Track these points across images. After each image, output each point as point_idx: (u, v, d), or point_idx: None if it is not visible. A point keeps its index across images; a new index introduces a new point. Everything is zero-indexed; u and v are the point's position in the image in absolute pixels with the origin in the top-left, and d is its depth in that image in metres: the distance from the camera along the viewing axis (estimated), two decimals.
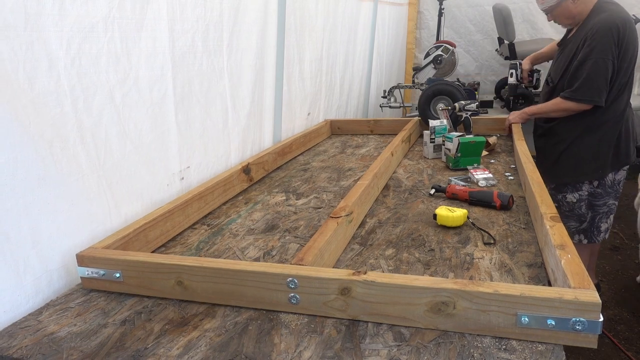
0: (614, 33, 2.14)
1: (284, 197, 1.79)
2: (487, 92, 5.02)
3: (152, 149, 1.50)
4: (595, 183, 2.37)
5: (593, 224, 2.43)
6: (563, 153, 2.39)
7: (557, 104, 2.34)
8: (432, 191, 1.71)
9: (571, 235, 2.39)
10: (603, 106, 2.22)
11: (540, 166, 1.82)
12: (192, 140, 1.69)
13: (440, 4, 4.90)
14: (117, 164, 1.36)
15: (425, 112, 3.02)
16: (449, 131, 2.28)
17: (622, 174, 2.39)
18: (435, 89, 3.02)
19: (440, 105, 2.93)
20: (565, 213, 2.44)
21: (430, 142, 2.24)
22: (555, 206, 2.23)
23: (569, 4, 2.25)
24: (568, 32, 2.48)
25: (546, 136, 2.49)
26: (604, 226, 2.45)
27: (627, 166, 2.40)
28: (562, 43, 2.49)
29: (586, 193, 2.39)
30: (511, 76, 2.92)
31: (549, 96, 2.45)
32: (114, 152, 1.35)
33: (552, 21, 2.41)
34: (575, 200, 2.40)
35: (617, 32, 2.14)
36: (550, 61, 2.68)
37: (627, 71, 2.23)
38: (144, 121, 1.45)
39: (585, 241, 2.48)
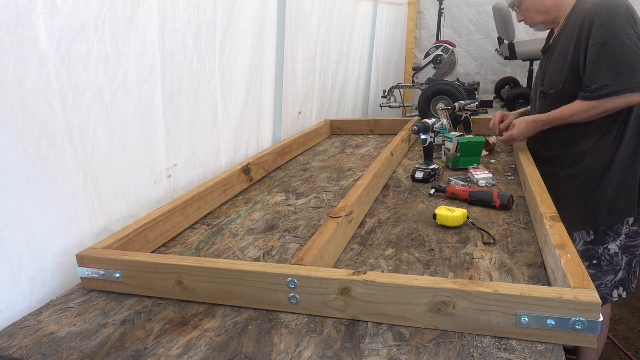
0: (626, 7, 1.69)
1: (284, 197, 1.79)
2: (487, 92, 5.03)
3: (140, 147, 1.50)
4: (631, 220, 1.87)
5: (630, 270, 1.92)
6: (606, 183, 1.84)
7: (588, 108, 1.75)
8: (432, 191, 1.71)
9: (609, 293, 1.91)
10: None
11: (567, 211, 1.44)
12: (180, 138, 1.69)
13: (440, 4, 4.90)
14: (104, 162, 1.36)
15: (425, 112, 3.01)
16: (449, 131, 2.28)
17: None
18: (435, 89, 3.01)
19: (440, 105, 2.92)
20: (604, 269, 1.90)
21: None
22: (594, 263, 1.87)
23: None
24: (549, 38, 2.06)
25: (574, 176, 1.92)
26: (638, 270, 1.96)
27: None
28: (546, 50, 2.02)
29: (624, 236, 1.88)
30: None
31: (548, 108, 1.89)
32: (102, 150, 1.35)
33: (523, 22, 1.99)
34: (617, 250, 1.87)
35: (627, 6, 1.69)
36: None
37: None
38: (132, 119, 1.45)
39: (624, 294, 1.94)
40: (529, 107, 2.24)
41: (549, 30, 2.06)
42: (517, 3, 1.92)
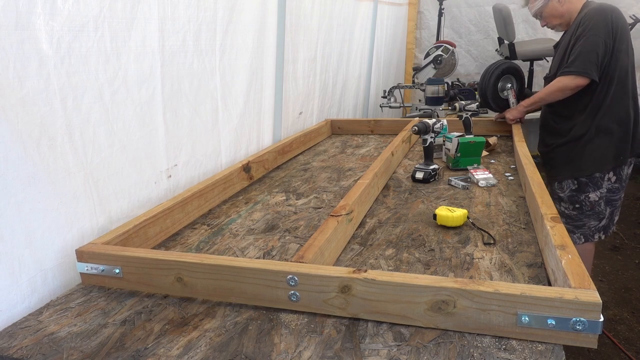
0: (606, 15, 2.19)
1: (284, 197, 1.79)
2: None
3: (140, 147, 1.50)
4: (613, 178, 2.36)
5: (611, 219, 2.44)
6: (587, 145, 2.34)
7: (551, 85, 2.34)
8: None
9: (592, 234, 2.43)
10: (597, 81, 2.23)
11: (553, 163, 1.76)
12: (180, 138, 1.69)
13: (440, 4, 4.90)
14: (104, 162, 1.36)
15: (494, 94, 2.87)
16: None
17: (630, 168, 2.40)
18: (504, 67, 2.90)
19: (508, 85, 2.89)
20: (587, 213, 2.42)
21: None
22: (577, 207, 2.44)
23: (554, 3, 2.35)
24: (563, 35, 2.55)
25: (565, 142, 2.44)
26: (616, 218, 2.48)
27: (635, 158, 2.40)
28: (557, 45, 2.54)
29: (605, 190, 2.38)
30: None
31: None
32: (102, 150, 1.35)
33: (546, 26, 2.48)
34: (597, 199, 2.38)
35: (610, 15, 2.19)
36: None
37: (627, 54, 2.27)
38: (132, 119, 1.45)
39: (603, 237, 2.48)
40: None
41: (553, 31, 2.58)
42: (538, 13, 2.44)
